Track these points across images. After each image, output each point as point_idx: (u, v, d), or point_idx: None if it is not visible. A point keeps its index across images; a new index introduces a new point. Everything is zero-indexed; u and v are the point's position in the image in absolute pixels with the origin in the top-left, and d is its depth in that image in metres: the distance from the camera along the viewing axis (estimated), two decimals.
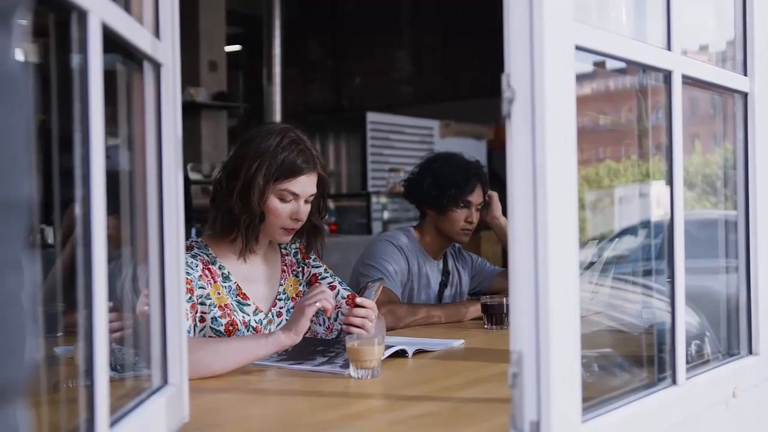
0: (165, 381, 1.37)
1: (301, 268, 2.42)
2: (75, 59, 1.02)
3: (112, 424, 1.09)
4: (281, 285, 2.35)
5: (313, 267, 2.43)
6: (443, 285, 3.15)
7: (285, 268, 2.38)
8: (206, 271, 2.17)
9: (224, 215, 2.20)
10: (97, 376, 1.01)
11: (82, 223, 1.01)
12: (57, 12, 1.00)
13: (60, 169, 1.05)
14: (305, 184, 2.22)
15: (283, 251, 2.41)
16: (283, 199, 2.20)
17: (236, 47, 10.49)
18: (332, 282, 2.41)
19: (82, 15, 0.99)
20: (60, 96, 1.05)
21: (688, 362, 1.55)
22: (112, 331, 1.63)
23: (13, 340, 0.54)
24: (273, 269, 2.35)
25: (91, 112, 1.01)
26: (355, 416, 1.59)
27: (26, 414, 0.58)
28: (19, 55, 0.56)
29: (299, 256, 2.42)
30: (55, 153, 1.06)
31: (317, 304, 1.98)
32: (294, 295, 2.37)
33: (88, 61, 1.00)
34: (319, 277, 2.42)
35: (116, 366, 1.38)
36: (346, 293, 2.38)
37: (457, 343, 2.35)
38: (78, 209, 1.02)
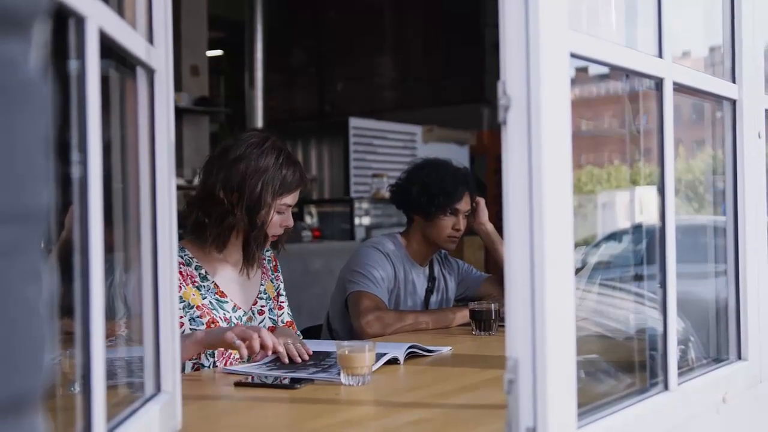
0: (158, 389, 1.37)
1: (275, 276, 2.52)
2: (72, 65, 1.01)
3: None
4: (262, 285, 2.44)
5: (280, 281, 2.54)
6: (429, 291, 3.14)
7: (264, 270, 2.47)
8: (177, 274, 2.19)
9: (228, 230, 2.27)
10: (95, 385, 1.00)
11: (79, 229, 1.00)
12: (54, 18, 0.99)
13: (55, 175, 1.04)
14: (297, 195, 2.35)
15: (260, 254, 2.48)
16: (279, 212, 2.31)
17: (218, 52, 10.47)
18: (284, 302, 2.52)
19: (80, 21, 0.99)
20: (55, 101, 1.04)
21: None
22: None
23: (34, 349, 0.54)
24: (244, 272, 2.40)
25: (89, 118, 1.00)
26: (347, 423, 1.59)
27: (45, 423, 0.58)
28: (37, 64, 0.56)
29: (272, 264, 2.53)
30: (52, 159, 1.05)
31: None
32: (272, 296, 2.47)
33: (85, 66, 1.00)
34: (279, 294, 2.52)
35: (107, 373, 1.37)
36: (287, 318, 2.48)
37: (446, 350, 2.36)
38: (75, 215, 1.01)
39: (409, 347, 2.20)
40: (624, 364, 1.76)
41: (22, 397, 0.53)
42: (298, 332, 2.50)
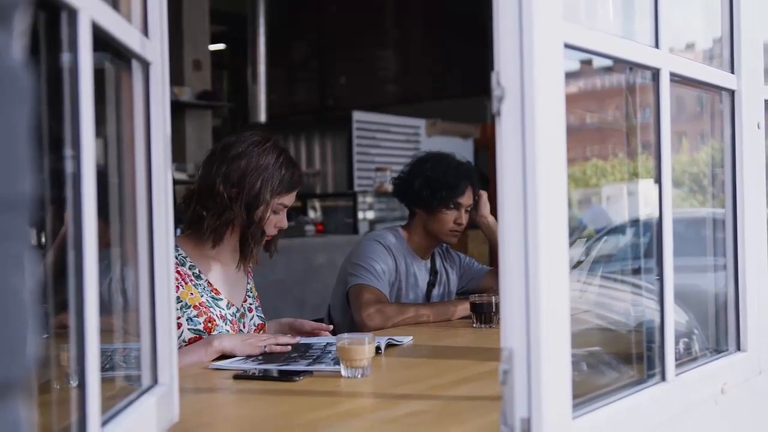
0: (155, 381, 1.37)
1: (251, 277, 2.55)
2: (64, 58, 1.01)
3: (103, 423, 1.09)
4: (249, 284, 2.48)
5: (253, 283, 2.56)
6: (431, 284, 3.15)
7: (249, 270, 2.51)
8: (175, 274, 2.21)
9: (225, 225, 2.29)
10: (89, 377, 1.01)
11: (73, 225, 1.00)
12: (46, 10, 0.99)
13: (48, 169, 1.05)
14: (294, 197, 2.38)
15: None
16: (275, 212, 2.33)
17: (220, 46, 10.47)
18: (258, 304, 2.53)
19: (72, 13, 0.99)
20: (48, 95, 1.04)
21: (676, 359, 1.56)
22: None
23: (16, 337, 0.54)
24: (240, 268, 2.42)
25: (82, 111, 1.00)
26: (346, 415, 1.59)
27: (27, 411, 0.58)
28: (19, 54, 0.56)
29: (251, 265, 2.54)
30: (44, 153, 1.06)
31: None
32: (256, 296, 2.51)
33: (78, 59, 1.00)
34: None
35: (104, 366, 1.37)
36: (258, 321, 2.48)
37: (407, 340, 2.37)
38: (68, 210, 1.01)
39: (387, 343, 2.22)
40: (624, 356, 1.76)
41: (4, 384, 0.54)
42: None
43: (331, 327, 2.50)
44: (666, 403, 1.51)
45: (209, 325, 2.24)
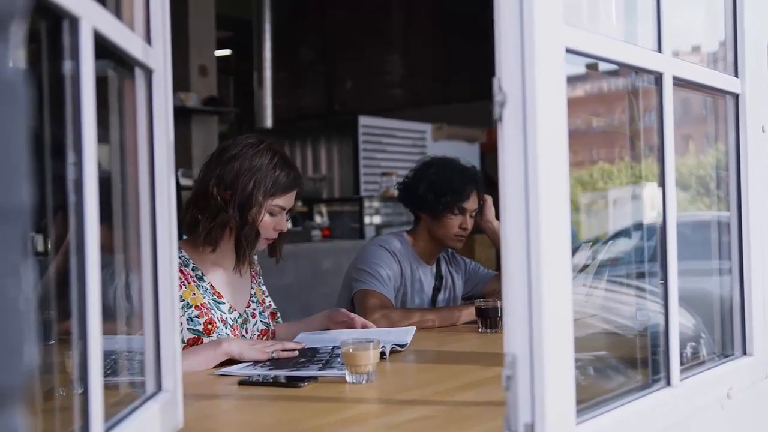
0: (159, 387, 1.37)
1: (261, 279, 2.56)
2: (66, 65, 1.01)
3: (107, 430, 1.09)
4: (252, 289, 2.47)
5: (263, 286, 2.56)
6: (437, 289, 3.14)
7: (254, 274, 2.51)
8: (178, 274, 2.22)
9: (220, 227, 2.28)
10: (92, 384, 1.01)
11: (75, 231, 1.01)
12: (48, 18, 0.99)
13: (51, 176, 1.05)
14: (292, 198, 2.36)
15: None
16: (271, 214, 2.32)
17: (226, 51, 10.47)
18: (270, 302, 2.55)
19: (74, 21, 0.99)
20: (51, 102, 1.05)
21: (683, 364, 1.55)
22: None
23: (12, 345, 0.54)
24: (244, 274, 2.44)
25: (84, 119, 1.01)
26: (350, 421, 1.59)
27: (24, 419, 0.58)
28: (16, 62, 0.56)
29: (259, 268, 2.56)
30: (46, 160, 1.06)
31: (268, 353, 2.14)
32: (261, 300, 2.50)
33: (80, 67, 1.00)
34: (265, 296, 2.56)
35: (108, 371, 1.37)
36: (261, 327, 2.47)
37: (411, 333, 2.39)
38: (71, 216, 1.01)
39: (391, 349, 2.21)
40: (629, 361, 1.76)
41: (1, 392, 0.54)
42: (279, 318, 2.57)
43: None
44: (671, 408, 1.51)
45: (209, 326, 2.24)
